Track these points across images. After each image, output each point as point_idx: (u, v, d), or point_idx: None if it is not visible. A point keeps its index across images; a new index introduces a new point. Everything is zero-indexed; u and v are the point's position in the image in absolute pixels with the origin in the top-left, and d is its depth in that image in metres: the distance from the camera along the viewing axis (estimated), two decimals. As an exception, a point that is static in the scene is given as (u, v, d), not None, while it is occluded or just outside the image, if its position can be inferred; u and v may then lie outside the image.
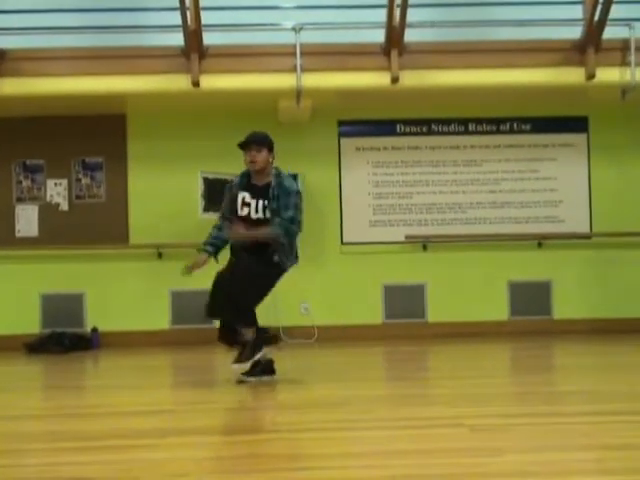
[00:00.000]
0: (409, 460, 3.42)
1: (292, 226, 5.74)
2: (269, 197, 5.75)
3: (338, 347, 8.39)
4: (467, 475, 3.17)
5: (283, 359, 7.45)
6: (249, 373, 5.82)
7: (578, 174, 9.40)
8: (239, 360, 5.72)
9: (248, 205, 5.79)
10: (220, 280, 5.72)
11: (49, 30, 8.23)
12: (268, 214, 5.75)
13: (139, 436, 4.09)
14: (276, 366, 5.98)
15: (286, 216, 5.70)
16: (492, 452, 3.51)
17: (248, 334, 5.75)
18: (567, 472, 3.21)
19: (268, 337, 6.12)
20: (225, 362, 6.17)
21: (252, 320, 5.78)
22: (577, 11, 8.33)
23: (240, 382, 5.78)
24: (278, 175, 5.87)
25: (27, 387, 6.42)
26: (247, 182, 5.89)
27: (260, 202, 5.76)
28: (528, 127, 9.39)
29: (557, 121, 9.38)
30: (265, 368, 5.90)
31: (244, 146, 5.83)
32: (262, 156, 5.79)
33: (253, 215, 5.77)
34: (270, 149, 5.87)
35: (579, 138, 9.41)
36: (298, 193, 5.85)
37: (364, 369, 6.96)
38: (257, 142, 5.81)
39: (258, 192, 5.79)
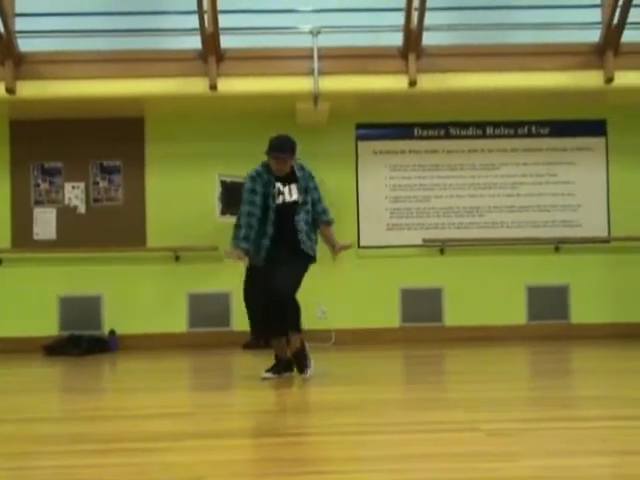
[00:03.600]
0: (425, 464, 3.41)
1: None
2: (297, 179, 6.12)
3: (355, 350, 8.38)
4: (483, 479, 3.16)
5: (299, 362, 7.45)
6: (272, 370, 6.10)
7: (596, 178, 9.35)
8: (306, 368, 6.08)
9: (282, 194, 6.06)
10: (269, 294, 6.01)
11: (67, 33, 8.28)
12: (299, 196, 6.12)
13: (155, 439, 4.10)
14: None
15: (323, 209, 6.32)
16: (508, 457, 3.49)
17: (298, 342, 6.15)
18: (583, 477, 3.19)
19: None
20: (241, 364, 6.19)
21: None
22: (596, 14, 8.29)
23: (264, 379, 6.02)
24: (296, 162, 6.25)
25: (45, 389, 6.45)
26: (273, 174, 6.12)
27: (293, 186, 6.10)
28: (546, 131, 9.35)
29: (575, 125, 9.34)
30: (287, 366, 6.17)
31: (272, 155, 6.03)
32: (288, 162, 6.09)
33: (288, 199, 6.07)
34: (294, 152, 6.15)
35: (597, 142, 9.36)
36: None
37: (381, 373, 6.94)
38: (283, 150, 6.05)
39: (286, 179, 6.10)
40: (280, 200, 6.05)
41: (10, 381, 6.86)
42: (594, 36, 8.20)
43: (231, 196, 8.37)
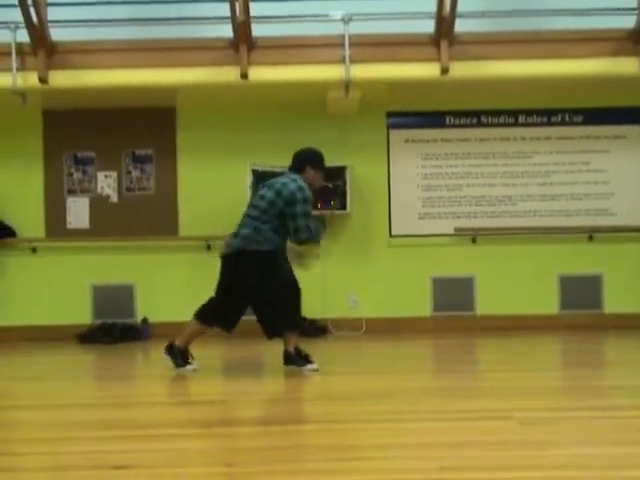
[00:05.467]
0: (457, 452, 3.40)
1: None
2: None
3: (386, 339, 8.36)
4: (515, 467, 3.14)
5: (331, 351, 7.46)
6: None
7: (631, 166, 9.23)
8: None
9: None
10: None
11: (99, 22, 8.29)
12: None
13: (186, 426, 4.12)
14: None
15: None
16: (541, 445, 3.47)
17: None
18: (615, 466, 3.16)
19: None
20: (272, 353, 6.21)
21: None
22: (632, 0, 8.17)
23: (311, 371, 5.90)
24: None
25: (78, 376, 6.51)
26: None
27: None
28: (580, 118, 9.25)
29: (610, 112, 9.22)
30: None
31: (323, 169, 6.27)
32: None
33: None
34: None
35: (632, 130, 9.24)
36: None
37: (412, 361, 6.93)
38: None
39: None
40: None
41: (44, 368, 6.92)
42: (629, 22, 8.08)
43: (262, 185, 8.35)
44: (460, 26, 7.97)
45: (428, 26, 8.01)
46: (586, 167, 9.22)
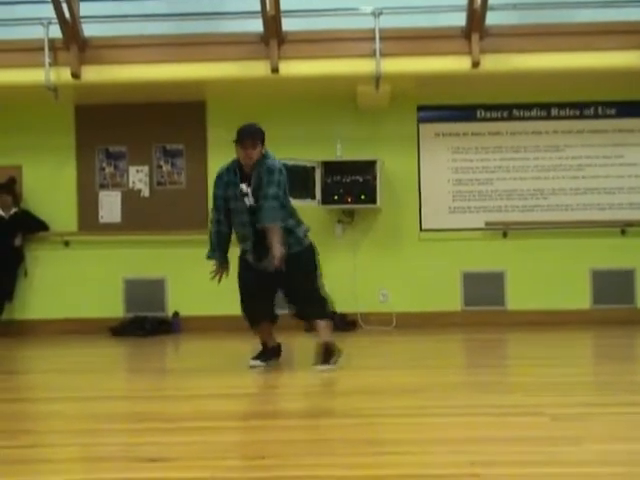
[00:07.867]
0: (488, 447, 3.39)
1: (275, 202, 5.60)
2: (255, 181, 5.67)
3: (417, 334, 8.35)
4: (546, 463, 3.12)
5: (361, 346, 7.47)
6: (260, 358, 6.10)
7: (665, 159, 9.14)
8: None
9: (246, 195, 5.69)
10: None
11: (130, 18, 8.34)
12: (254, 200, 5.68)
13: (218, 418, 4.14)
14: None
15: (270, 193, 5.59)
16: (572, 441, 3.45)
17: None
18: (650, 463, 3.14)
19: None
20: (302, 346, 6.22)
21: None
22: (666, -10, 8.09)
23: (252, 367, 5.98)
24: (263, 156, 5.74)
25: (111, 369, 6.58)
26: (242, 172, 5.73)
27: (251, 189, 5.67)
28: (613, 111, 9.16)
29: (643, 105, 9.14)
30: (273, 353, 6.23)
31: (239, 143, 5.67)
32: (257, 152, 5.65)
33: (247, 203, 5.69)
34: (263, 141, 5.74)
35: (666, 122, 9.16)
36: (281, 171, 5.72)
37: (443, 356, 6.92)
38: (252, 137, 5.65)
39: (250, 180, 5.69)
40: (247, 203, 5.67)
41: (77, 361, 6.99)
42: (663, 13, 8.01)
43: (293, 179, 8.35)
44: (491, 19, 7.93)
45: (459, 19, 7.97)
46: (619, 160, 9.14)
